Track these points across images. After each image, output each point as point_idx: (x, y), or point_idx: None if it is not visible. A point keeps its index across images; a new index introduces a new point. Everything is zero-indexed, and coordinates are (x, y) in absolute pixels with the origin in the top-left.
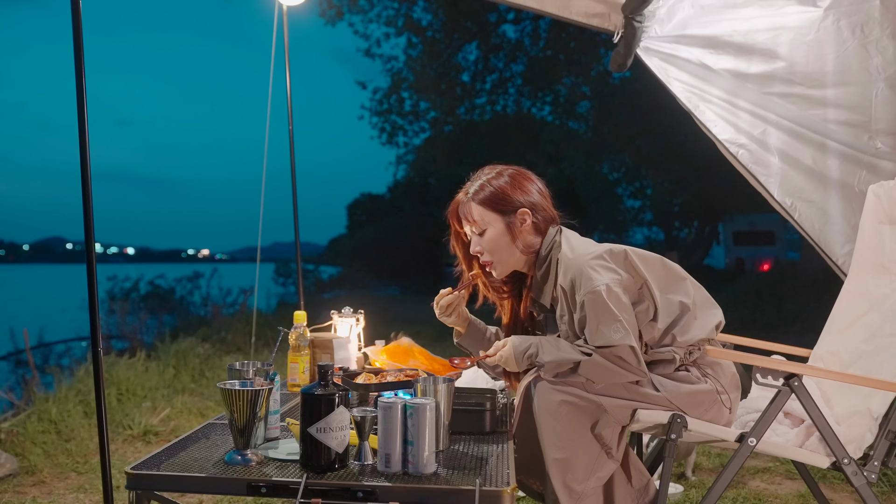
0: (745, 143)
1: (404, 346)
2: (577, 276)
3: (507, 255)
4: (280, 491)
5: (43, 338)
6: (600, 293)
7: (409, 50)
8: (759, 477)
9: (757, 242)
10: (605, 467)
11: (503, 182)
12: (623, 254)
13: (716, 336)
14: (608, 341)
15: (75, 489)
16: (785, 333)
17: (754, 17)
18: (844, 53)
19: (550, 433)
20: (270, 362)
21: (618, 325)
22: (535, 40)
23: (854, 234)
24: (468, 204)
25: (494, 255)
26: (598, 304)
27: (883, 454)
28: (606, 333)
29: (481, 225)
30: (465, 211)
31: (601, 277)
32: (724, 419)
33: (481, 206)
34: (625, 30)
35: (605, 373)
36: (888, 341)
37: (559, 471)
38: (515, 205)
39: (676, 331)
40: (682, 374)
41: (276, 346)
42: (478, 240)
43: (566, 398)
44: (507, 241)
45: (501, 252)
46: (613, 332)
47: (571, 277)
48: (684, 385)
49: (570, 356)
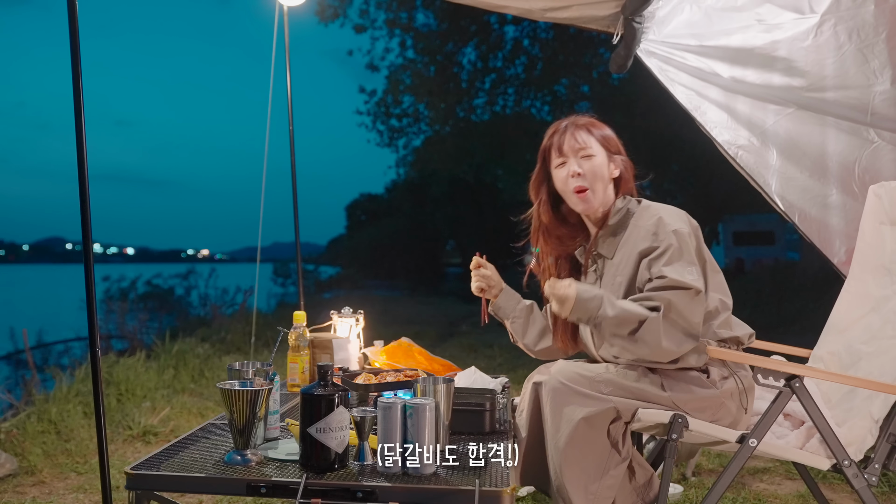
0: (744, 145)
1: (404, 347)
2: (664, 217)
3: (602, 187)
4: (280, 491)
5: (42, 338)
6: (684, 234)
7: (407, 51)
8: (759, 477)
9: (757, 242)
10: (617, 466)
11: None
12: (697, 227)
13: (746, 343)
14: (681, 278)
15: (75, 489)
16: (785, 333)
17: (753, 21)
18: (842, 57)
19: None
20: (270, 362)
21: (693, 268)
22: (535, 40)
23: (854, 235)
24: (577, 129)
25: (594, 181)
26: (682, 243)
27: (884, 457)
28: (682, 271)
29: (589, 150)
30: (573, 134)
31: (686, 227)
32: (730, 422)
33: (590, 134)
34: (624, 31)
35: (668, 333)
36: (889, 343)
37: (574, 474)
38: (615, 147)
39: (716, 323)
40: (695, 375)
41: (276, 346)
42: (580, 161)
43: (585, 412)
44: (606, 175)
45: (599, 181)
46: (688, 273)
47: (659, 217)
48: (692, 388)
49: (636, 311)
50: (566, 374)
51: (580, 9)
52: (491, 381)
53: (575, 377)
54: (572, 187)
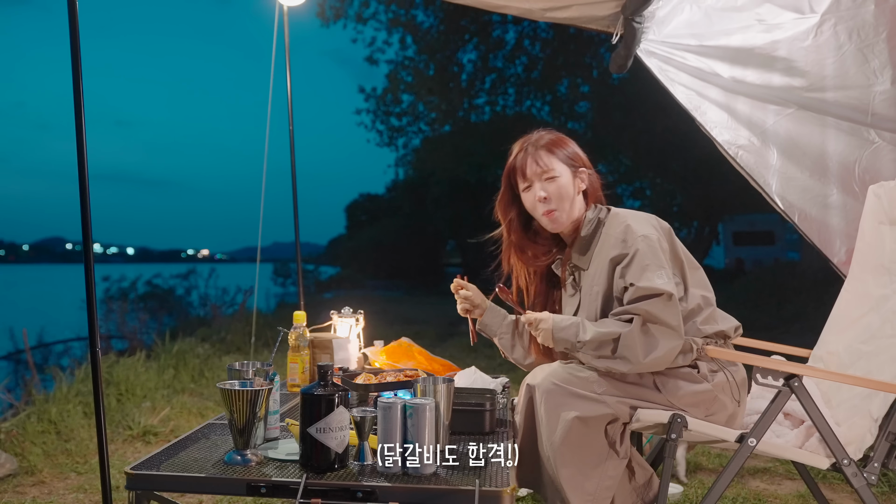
0: (744, 145)
1: (404, 347)
2: (632, 224)
3: (569, 206)
4: (280, 491)
5: (43, 338)
6: (653, 239)
7: (407, 49)
8: (758, 477)
9: (757, 242)
10: (615, 466)
11: (567, 139)
12: (669, 229)
13: (733, 337)
14: (651, 284)
15: (75, 489)
16: (785, 333)
17: (753, 21)
18: (842, 57)
19: (566, 448)
20: (270, 362)
21: (662, 272)
22: (535, 40)
23: (854, 235)
24: (537, 152)
25: (560, 202)
26: (650, 248)
27: (883, 455)
28: (651, 277)
29: (552, 172)
30: (535, 157)
31: (654, 232)
32: (727, 416)
33: (552, 154)
34: (624, 31)
35: (646, 343)
36: (888, 342)
37: (570, 474)
38: (579, 162)
39: (700, 320)
40: (685, 371)
41: (276, 346)
42: (544, 185)
43: (579, 412)
44: (572, 192)
45: (566, 201)
46: (657, 278)
47: (627, 224)
48: (684, 385)
49: (610, 331)
50: (559, 375)
51: (580, 9)
52: (491, 381)
53: (569, 378)
54: (541, 211)
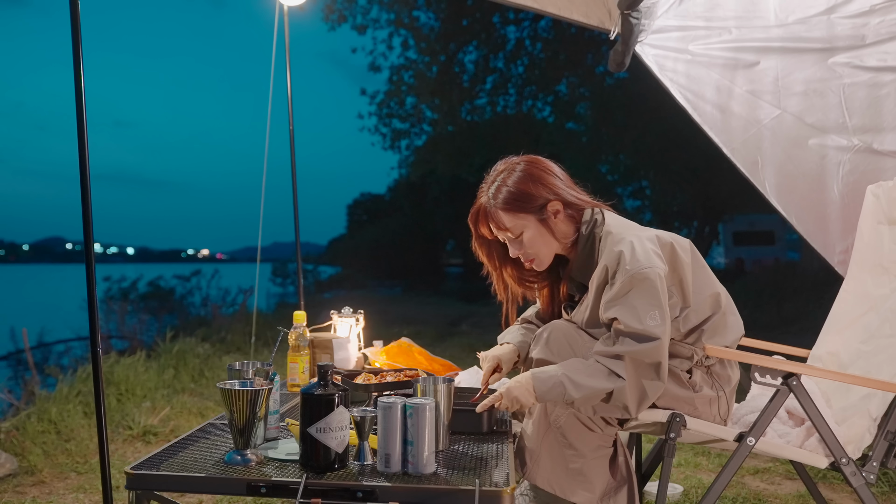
0: (741, 144)
1: (404, 347)
2: (626, 252)
3: (547, 249)
4: (280, 491)
5: (43, 338)
6: (648, 276)
7: (409, 50)
8: (758, 477)
9: (757, 242)
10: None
11: (520, 180)
12: (670, 246)
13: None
14: (641, 325)
15: (75, 489)
16: (785, 333)
17: (752, 18)
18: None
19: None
20: (270, 362)
21: (656, 312)
22: (536, 41)
23: (852, 235)
24: (495, 213)
25: (536, 252)
26: (646, 286)
27: (882, 455)
28: (643, 317)
29: (515, 230)
30: (494, 220)
31: (651, 261)
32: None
33: (509, 212)
34: (622, 27)
35: (635, 394)
36: (887, 342)
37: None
38: (542, 201)
39: (706, 328)
40: (677, 373)
41: (276, 346)
42: (516, 243)
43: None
44: (545, 239)
45: (541, 248)
46: (650, 319)
47: (619, 252)
48: (670, 385)
49: (600, 387)
50: None
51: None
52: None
53: None
54: (523, 261)
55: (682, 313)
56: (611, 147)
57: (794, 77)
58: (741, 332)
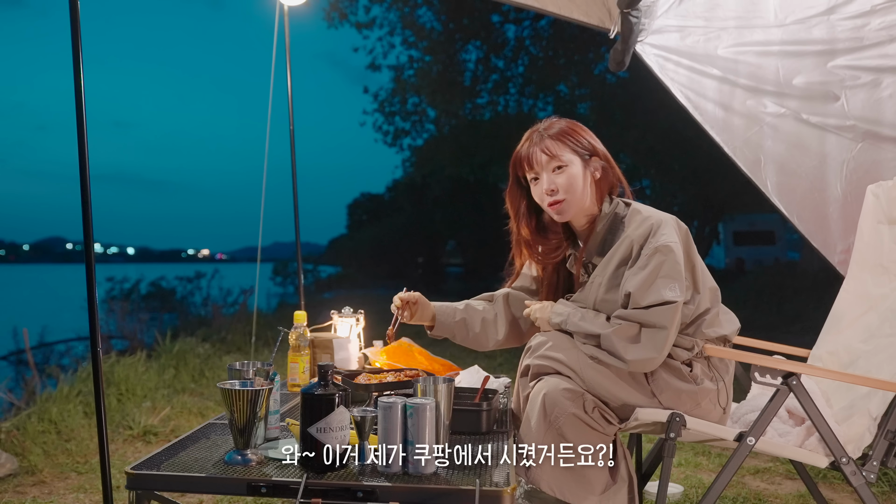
0: (742, 143)
1: (404, 347)
2: (655, 227)
3: (580, 197)
4: (280, 491)
5: (43, 338)
6: (673, 250)
7: (410, 49)
8: (758, 477)
9: (757, 242)
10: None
11: (573, 123)
12: (685, 232)
13: (733, 340)
14: (660, 297)
15: (75, 489)
16: (785, 333)
17: (751, 17)
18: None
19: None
20: (270, 362)
21: (675, 284)
22: (536, 40)
23: (852, 234)
24: (545, 141)
25: (569, 193)
26: (669, 259)
27: (882, 454)
28: (662, 289)
29: (560, 161)
30: (542, 147)
31: (675, 238)
32: (714, 418)
33: (560, 142)
34: (622, 26)
35: (625, 344)
36: (887, 341)
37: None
38: (591, 149)
39: (707, 318)
40: (677, 367)
41: (276, 346)
42: (552, 177)
43: (575, 410)
44: (582, 183)
45: (576, 192)
46: (669, 290)
47: (649, 226)
48: (673, 381)
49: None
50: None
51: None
52: (493, 380)
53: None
54: (547, 202)
55: (693, 299)
56: (611, 146)
57: (795, 77)
58: (738, 324)
